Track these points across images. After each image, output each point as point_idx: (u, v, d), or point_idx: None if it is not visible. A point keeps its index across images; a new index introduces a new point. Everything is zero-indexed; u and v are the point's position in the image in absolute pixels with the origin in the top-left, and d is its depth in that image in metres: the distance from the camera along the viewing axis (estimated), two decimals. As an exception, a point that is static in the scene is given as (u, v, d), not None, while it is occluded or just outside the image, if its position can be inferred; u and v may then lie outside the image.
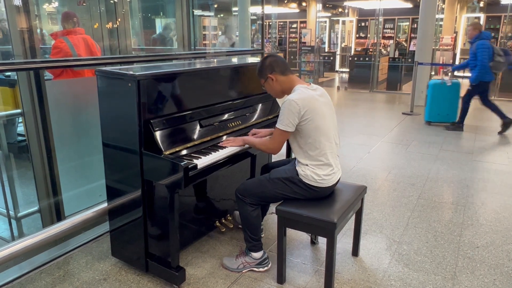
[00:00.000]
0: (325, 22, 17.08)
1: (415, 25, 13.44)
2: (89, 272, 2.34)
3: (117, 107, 2.10)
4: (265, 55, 2.45)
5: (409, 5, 12.90)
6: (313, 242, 2.67)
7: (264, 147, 2.21)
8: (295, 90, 2.14)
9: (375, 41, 10.70)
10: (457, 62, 12.54)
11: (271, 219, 2.96)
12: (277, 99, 2.65)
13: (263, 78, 2.24)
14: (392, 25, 14.99)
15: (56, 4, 5.39)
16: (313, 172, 2.11)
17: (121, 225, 2.30)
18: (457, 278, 2.31)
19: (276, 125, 2.11)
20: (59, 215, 2.67)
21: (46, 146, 2.53)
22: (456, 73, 12.32)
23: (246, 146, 2.31)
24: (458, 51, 12.92)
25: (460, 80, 6.71)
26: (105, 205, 2.37)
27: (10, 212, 2.75)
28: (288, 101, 2.05)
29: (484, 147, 4.99)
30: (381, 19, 11.12)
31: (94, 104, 2.17)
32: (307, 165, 2.12)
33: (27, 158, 2.65)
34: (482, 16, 12.96)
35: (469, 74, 6.08)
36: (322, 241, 2.66)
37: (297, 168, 2.17)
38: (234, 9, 8.94)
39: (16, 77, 2.49)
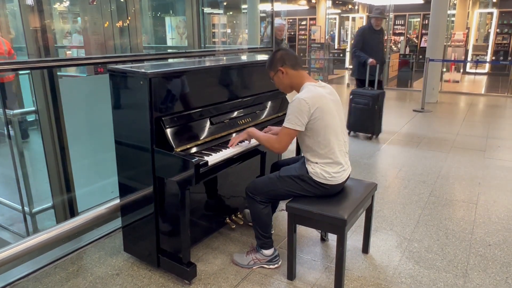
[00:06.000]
0: (335, 19, 16.97)
1: (426, 21, 13.27)
2: (102, 267, 2.38)
3: (129, 105, 2.13)
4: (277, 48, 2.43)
5: (420, 0, 12.74)
6: (323, 239, 2.67)
7: (269, 145, 2.17)
8: (304, 88, 2.12)
9: (386, 37, 10.59)
10: (469, 59, 12.38)
11: (281, 216, 2.97)
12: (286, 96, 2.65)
13: (272, 71, 2.21)
14: (402, 21, 14.82)
15: (68, 3, 5.45)
16: (323, 170, 2.11)
17: (133, 221, 2.33)
18: (468, 276, 2.29)
19: (283, 124, 2.08)
20: (72, 211, 2.72)
21: (59, 143, 2.58)
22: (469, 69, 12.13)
23: (254, 142, 2.29)
24: (470, 47, 12.73)
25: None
26: (117, 201, 2.41)
27: (25, 208, 2.80)
28: (297, 100, 2.03)
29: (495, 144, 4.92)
30: (391, 15, 11.01)
31: (107, 101, 2.20)
32: (316, 163, 2.12)
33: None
34: (495, 12, 12.75)
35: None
36: (332, 238, 2.66)
37: (306, 166, 2.17)
38: (244, 6, 8.94)
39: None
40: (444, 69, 9.95)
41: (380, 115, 5.19)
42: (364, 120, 5.11)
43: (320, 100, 2.05)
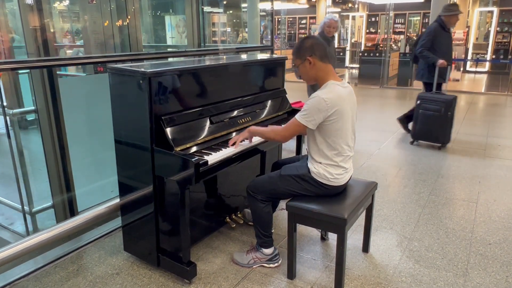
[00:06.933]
0: (335, 17, 16.91)
1: (427, 19, 13.27)
2: (102, 266, 2.38)
3: (128, 104, 2.13)
4: (305, 36, 2.33)
5: (420, -1, 12.73)
6: (323, 238, 2.67)
7: (273, 134, 2.16)
8: (327, 86, 2.05)
9: (386, 36, 10.59)
10: (469, 57, 12.37)
11: (281, 215, 2.97)
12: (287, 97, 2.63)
13: (300, 59, 2.10)
14: (403, 20, 14.82)
15: (67, 2, 5.44)
16: (325, 170, 2.11)
17: (133, 221, 2.33)
18: (468, 275, 2.29)
19: (296, 116, 2.05)
20: (72, 211, 2.72)
21: (59, 143, 2.58)
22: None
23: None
24: (470, 46, 12.72)
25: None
26: (117, 200, 2.41)
27: (25, 207, 2.80)
28: (318, 98, 1.98)
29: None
30: (391, 14, 10.99)
31: (106, 101, 2.20)
32: (320, 163, 2.12)
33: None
34: (496, 10, 12.73)
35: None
36: (332, 237, 2.66)
37: (309, 165, 2.16)
38: (243, 5, 8.93)
39: None
40: (444, 68, 9.92)
41: (452, 123, 4.67)
42: (434, 128, 4.60)
43: (339, 102, 2.01)
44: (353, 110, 2.14)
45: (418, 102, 4.70)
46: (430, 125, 4.63)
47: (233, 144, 2.22)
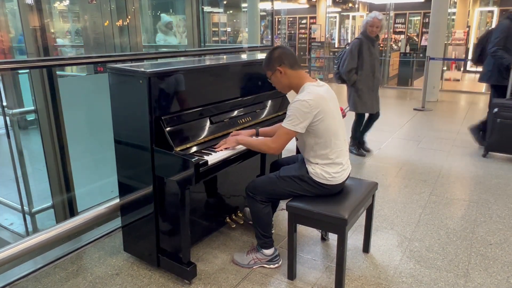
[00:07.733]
0: (335, 17, 16.95)
1: (427, 19, 13.25)
2: (102, 267, 2.37)
3: (128, 104, 2.12)
4: (274, 46, 2.36)
5: (420, -1, 12.72)
6: (324, 239, 2.66)
7: (265, 147, 2.12)
8: (305, 89, 2.07)
9: (386, 36, 10.58)
10: (469, 57, 12.35)
11: (281, 215, 2.96)
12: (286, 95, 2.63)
13: (270, 70, 2.14)
14: (403, 19, 14.81)
15: (67, 2, 5.44)
16: (323, 170, 2.10)
17: (133, 221, 2.32)
18: (469, 275, 2.29)
19: (282, 124, 2.05)
20: (72, 211, 2.71)
21: (59, 143, 2.57)
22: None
23: (240, 147, 2.22)
24: (471, 46, 12.70)
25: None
26: (117, 201, 2.40)
27: (24, 207, 2.79)
28: (300, 101, 1.99)
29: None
30: (392, 13, 10.99)
31: (106, 101, 2.20)
32: (317, 163, 2.11)
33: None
34: (496, 10, 12.72)
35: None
36: (332, 237, 2.65)
37: (306, 166, 2.16)
38: (244, 5, 8.93)
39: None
40: (445, 68, 9.94)
41: None
42: None
43: (321, 102, 2.02)
44: (335, 105, 2.14)
45: (496, 110, 4.17)
46: (511, 136, 4.16)
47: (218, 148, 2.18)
